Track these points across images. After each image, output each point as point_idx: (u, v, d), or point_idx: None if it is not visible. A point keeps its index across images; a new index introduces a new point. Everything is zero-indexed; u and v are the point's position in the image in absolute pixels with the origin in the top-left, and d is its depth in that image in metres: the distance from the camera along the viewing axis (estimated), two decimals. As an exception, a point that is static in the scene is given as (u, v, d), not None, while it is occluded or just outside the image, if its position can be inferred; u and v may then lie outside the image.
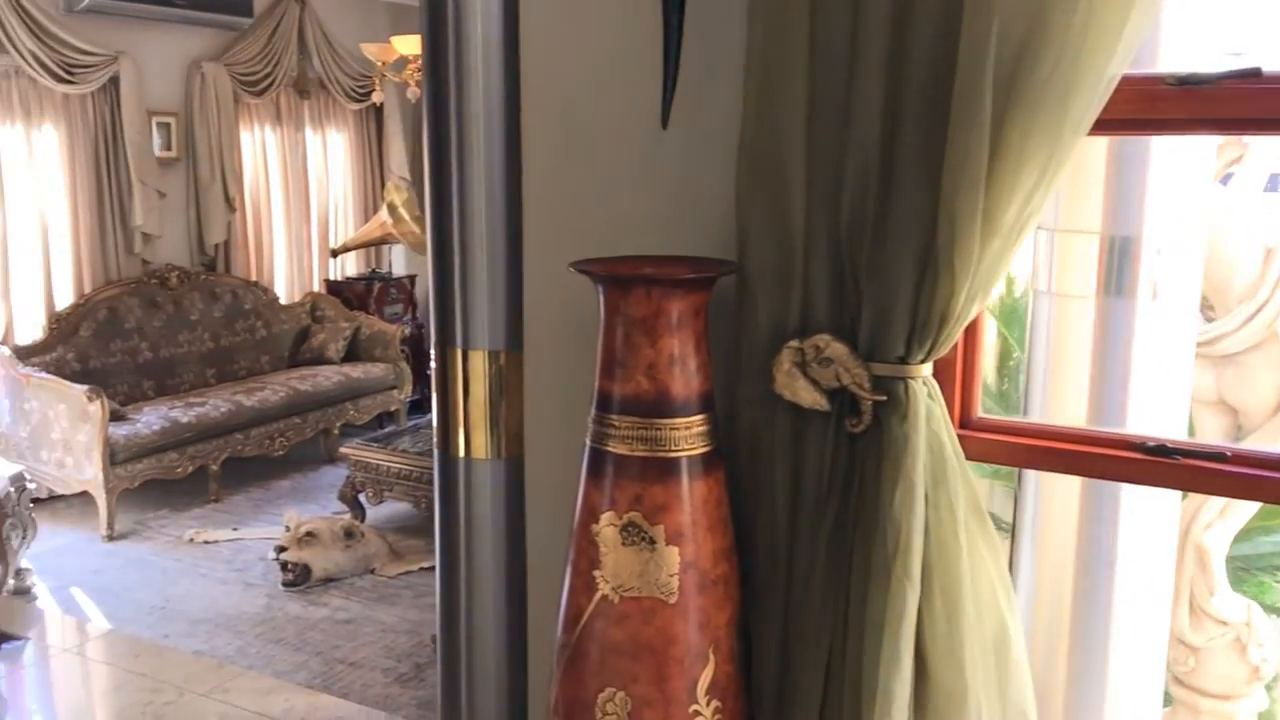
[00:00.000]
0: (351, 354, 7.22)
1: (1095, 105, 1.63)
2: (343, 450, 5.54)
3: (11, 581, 4.53)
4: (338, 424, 6.77)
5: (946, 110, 1.67)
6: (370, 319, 7.38)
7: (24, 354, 5.69)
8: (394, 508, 5.58)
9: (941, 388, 1.87)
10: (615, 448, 1.83)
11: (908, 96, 1.70)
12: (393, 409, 7.26)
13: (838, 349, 1.83)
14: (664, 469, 1.81)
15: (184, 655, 3.90)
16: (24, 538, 4.66)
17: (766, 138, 1.81)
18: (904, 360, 1.81)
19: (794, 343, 1.86)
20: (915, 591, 1.79)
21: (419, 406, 7.72)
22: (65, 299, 6.04)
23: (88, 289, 6.12)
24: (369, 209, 7.99)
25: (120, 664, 3.70)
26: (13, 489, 4.53)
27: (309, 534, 4.84)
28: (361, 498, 5.55)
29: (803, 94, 1.77)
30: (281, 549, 4.78)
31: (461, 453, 2.52)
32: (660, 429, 1.80)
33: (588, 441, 1.90)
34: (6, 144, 5.68)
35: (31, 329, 5.91)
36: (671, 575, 1.81)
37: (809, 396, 1.85)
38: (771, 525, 1.92)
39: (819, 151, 1.79)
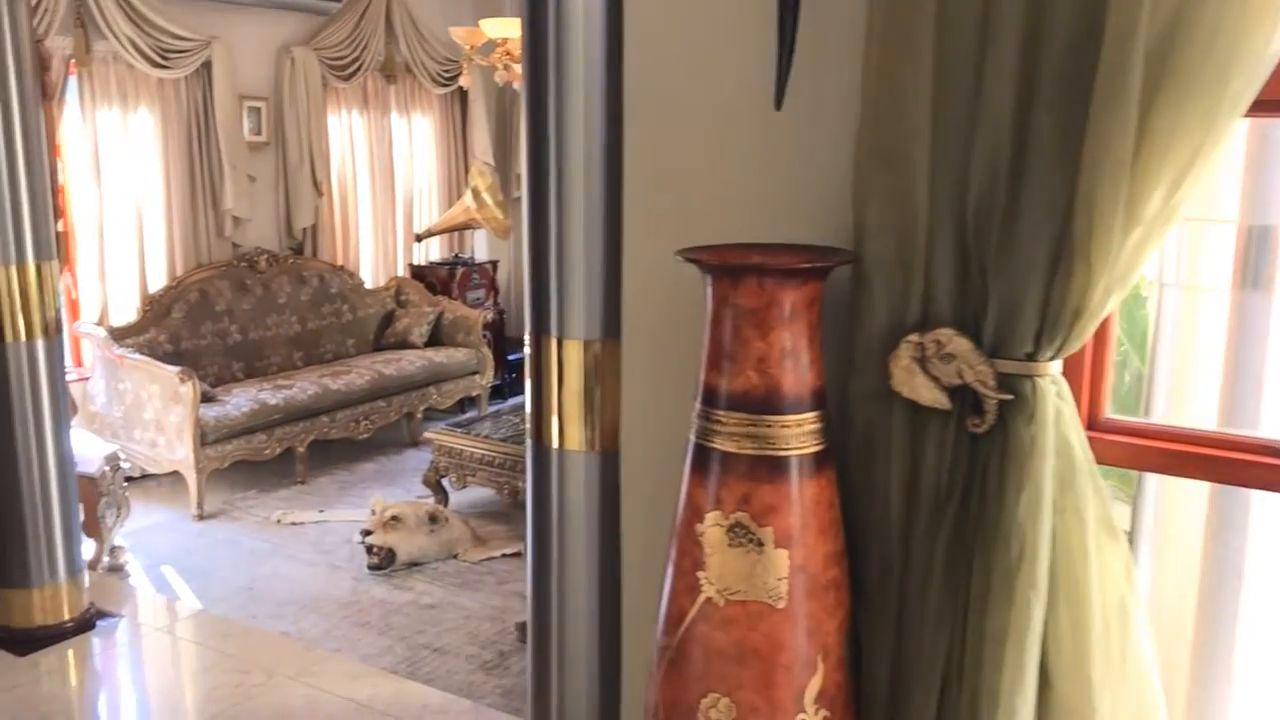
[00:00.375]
0: (434, 339, 7.25)
1: (1255, 84, 1.50)
2: (426, 435, 5.55)
3: (106, 559, 4.62)
4: (421, 408, 6.80)
5: (1087, 90, 1.55)
6: (453, 304, 7.40)
7: (119, 335, 5.80)
8: (477, 493, 5.58)
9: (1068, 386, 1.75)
10: (722, 445, 1.76)
11: (1045, 74, 1.59)
12: (474, 394, 7.28)
13: (961, 344, 1.73)
14: (773, 468, 1.73)
15: (272, 637, 3.93)
16: (118, 516, 4.75)
17: (888, 119, 1.71)
18: (1032, 357, 1.70)
19: (913, 337, 1.76)
20: (1041, 603, 1.68)
21: (499, 392, 7.73)
22: (158, 281, 6.15)
23: (180, 272, 6.22)
24: (453, 194, 8.00)
25: (210, 644, 3.74)
26: (108, 468, 4.61)
27: (394, 518, 4.86)
28: (445, 483, 5.56)
29: (928, 72, 1.67)
30: (367, 533, 4.80)
31: (555, 444, 2.47)
32: (770, 426, 1.72)
33: (692, 437, 1.83)
34: (104, 128, 5.78)
35: (126, 311, 6.02)
36: (780, 579, 1.73)
37: (928, 394, 1.75)
38: (885, 529, 1.83)
39: (945, 134, 1.68)
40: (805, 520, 1.74)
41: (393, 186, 7.57)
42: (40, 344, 3.61)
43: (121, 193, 5.91)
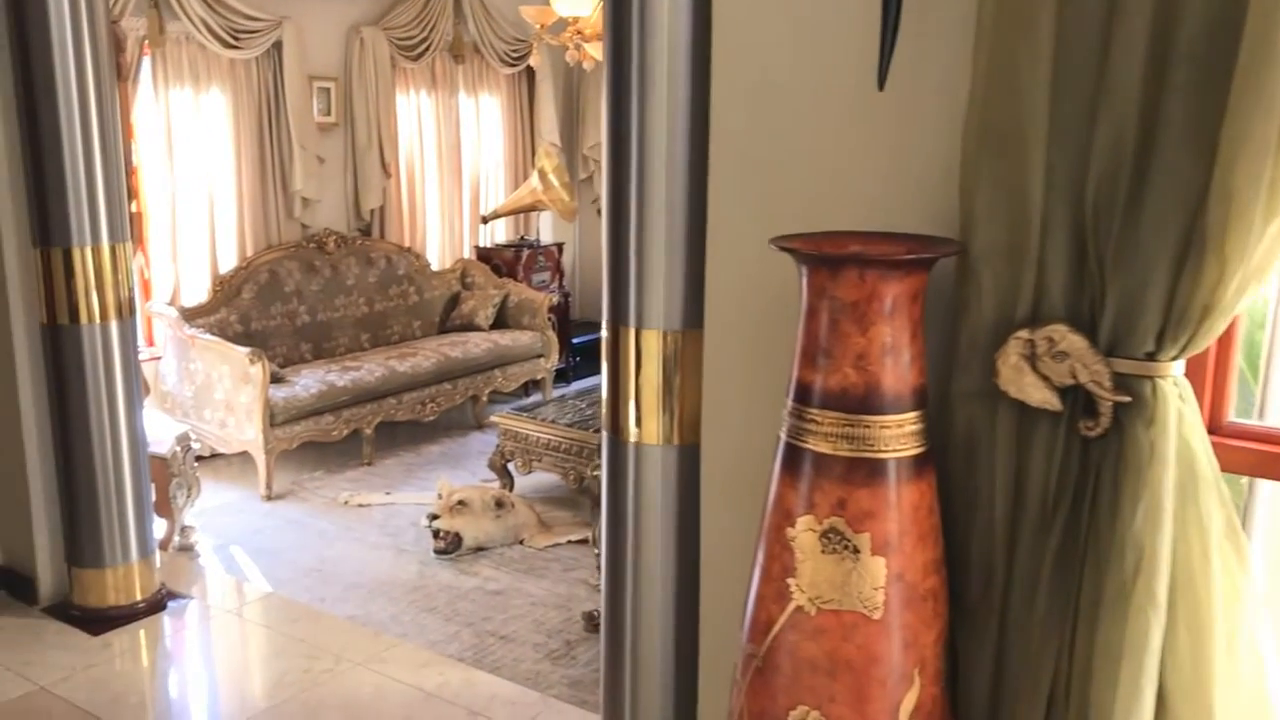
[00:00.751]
0: (500, 321, 7.22)
1: None
2: (492, 419, 5.51)
3: (177, 538, 4.65)
4: (486, 391, 6.78)
5: (1225, 70, 1.42)
6: (519, 286, 7.36)
7: (190, 315, 5.84)
8: (542, 478, 5.54)
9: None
10: (815, 445, 1.66)
11: (1178, 47, 1.46)
12: (539, 377, 7.24)
13: (1075, 342, 1.61)
14: (871, 471, 1.63)
15: (340, 622, 3.92)
16: (189, 496, 4.78)
17: (1002, 98, 1.60)
18: (1153, 356, 1.58)
19: (1023, 333, 1.64)
20: (1160, 620, 1.57)
21: (564, 375, 7.70)
22: (229, 262, 6.18)
23: (250, 252, 6.24)
24: (519, 175, 7.96)
25: (279, 628, 3.74)
26: (179, 448, 4.64)
27: (460, 502, 4.83)
28: (510, 467, 5.52)
29: (1048, 47, 1.55)
30: (434, 516, 4.77)
31: (632, 437, 2.39)
32: (868, 426, 1.62)
33: (782, 436, 1.73)
34: (177, 109, 5.81)
35: (197, 291, 6.06)
36: (876, 588, 1.63)
37: (1038, 394, 1.64)
38: (988, 536, 1.72)
39: (1065, 114, 1.56)
40: (904, 527, 1.64)
41: (459, 168, 7.54)
42: (114, 325, 3.62)
43: (193, 173, 5.94)
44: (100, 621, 3.71)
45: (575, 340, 7.92)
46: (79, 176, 3.47)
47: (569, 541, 4.98)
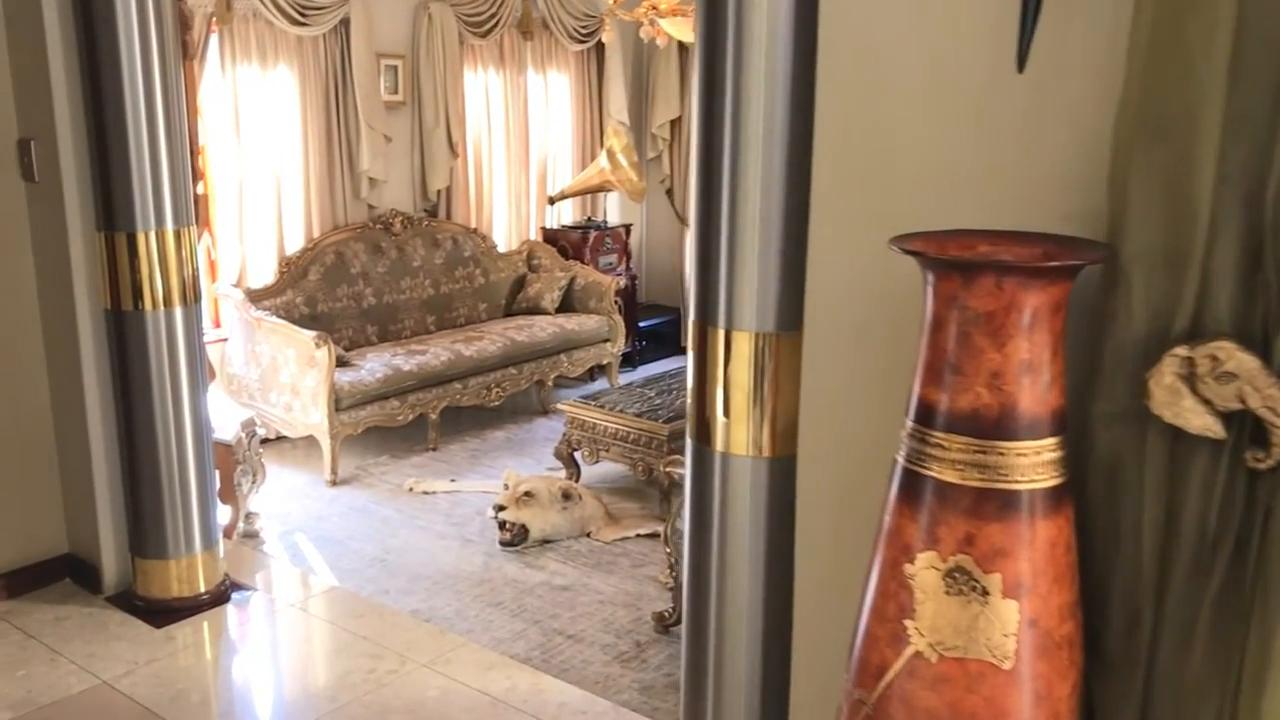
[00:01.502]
0: (566, 304, 7.08)
1: None
2: (559, 406, 5.38)
3: (241, 525, 4.58)
4: (552, 376, 6.65)
5: None
6: (585, 269, 7.20)
7: (256, 297, 5.78)
8: (609, 468, 5.39)
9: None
10: (940, 473, 1.47)
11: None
12: (605, 362, 7.09)
13: (1245, 361, 1.40)
14: (1004, 504, 1.44)
15: (406, 618, 3.81)
16: (254, 483, 4.71)
17: (1166, 79, 1.39)
18: (1340, 379, 1.36)
19: (1181, 349, 1.44)
20: (1343, 687, 1.36)
21: (629, 360, 7.54)
22: (295, 243, 6.11)
23: (316, 233, 6.16)
24: (587, 154, 7.79)
25: (343, 624, 3.64)
26: (244, 434, 4.57)
27: (527, 494, 4.70)
28: (577, 456, 5.39)
29: (1227, 18, 1.33)
30: (500, 508, 4.65)
31: (719, 446, 2.21)
32: (1002, 454, 1.43)
33: (899, 460, 1.55)
34: (244, 88, 5.73)
35: (264, 272, 5.99)
36: (1007, 635, 1.45)
37: (1198, 420, 1.43)
38: (1133, 578, 1.53)
39: (1245, 97, 1.35)
40: (1039, 566, 1.45)
41: (527, 147, 7.39)
42: (178, 311, 3.53)
43: (260, 153, 5.86)
44: (163, 613, 3.64)
45: (642, 324, 7.76)
46: (143, 160, 3.37)
47: (637, 535, 4.83)
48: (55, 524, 3.88)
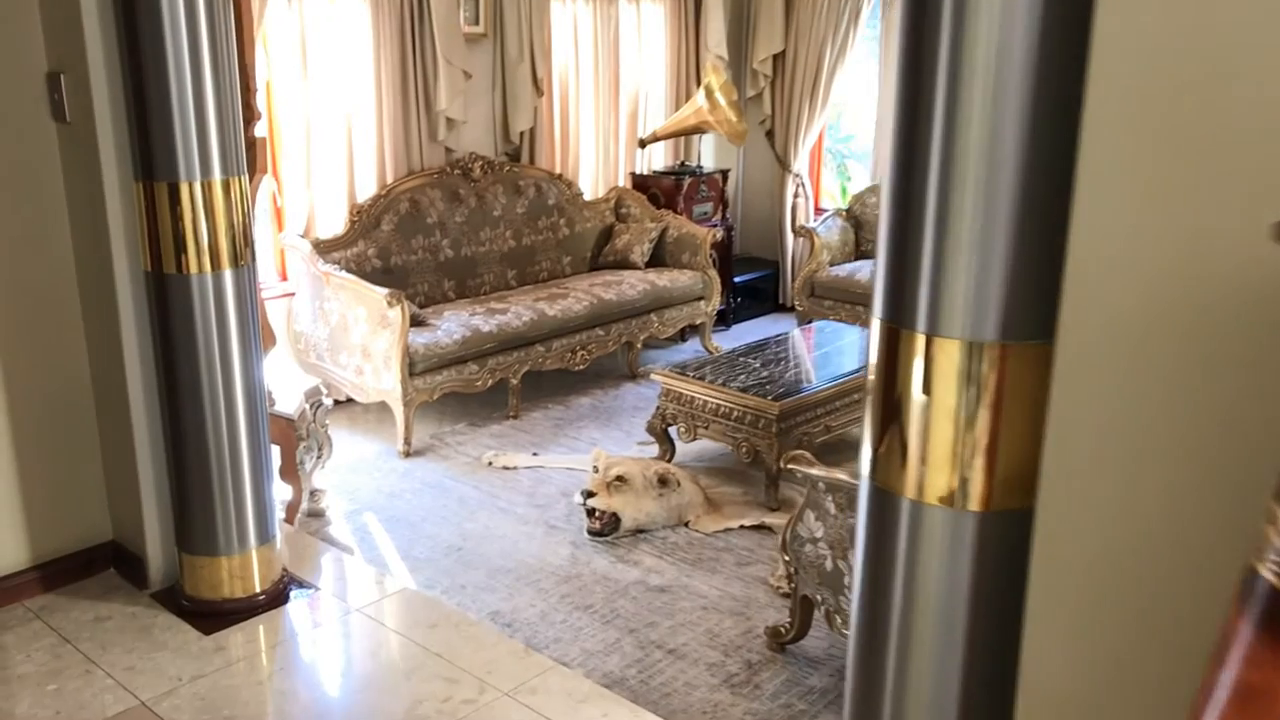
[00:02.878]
0: (656, 258, 6.52)
1: None
2: (654, 376, 4.84)
3: (305, 505, 4.15)
4: (641, 337, 6.11)
5: None
6: (678, 219, 6.61)
7: (325, 248, 5.32)
8: (706, 444, 4.86)
9: None
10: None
11: None
12: (698, 322, 6.52)
13: None
14: None
15: (486, 631, 3.33)
16: (319, 458, 4.27)
17: None
18: None
19: None
20: None
21: (723, 318, 6.96)
22: (367, 189, 5.62)
23: (390, 179, 5.67)
24: (681, 93, 7.16)
25: (416, 637, 3.18)
26: (308, 406, 4.11)
27: (619, 479, 4.19)
28: (672, 432, 4.86)
29: None
30: (589, 494, 4.15)
31: (908, 491, 1.64)
32: None
33: (1267, 574, 0.97)
34: (311, 20, 5.21)
35: (333, 221, 5.52)
36: None
37: None
38: None
39: None
40: None
41: (617, 84, 6.79)
42: (227, 275, 3.05)
43: (329, 91, 5.36)
44: (213, 616, 3.22)
45: (737, 279, 7.17)
46: (185, 99, 2.88)
47: (741, 527, 4.31)
48: (98, 509, 3.47)
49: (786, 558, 3.39)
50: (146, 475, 3.30)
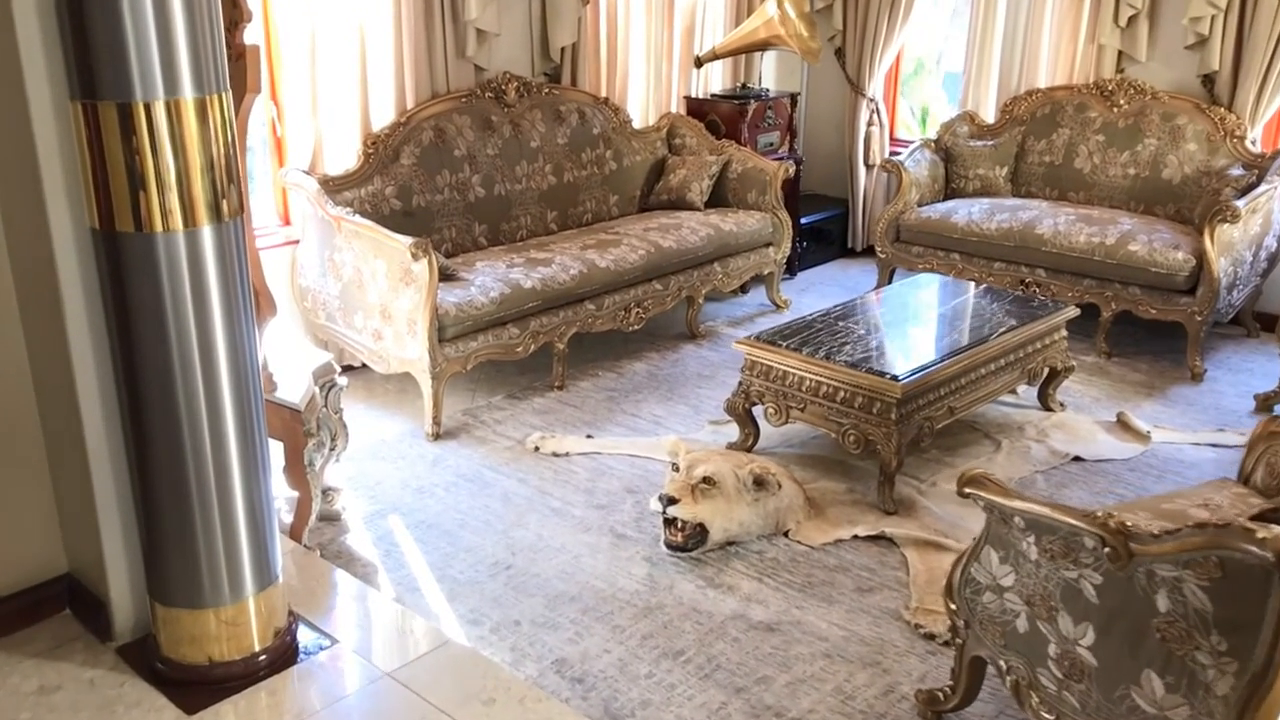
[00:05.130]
0: (715, 197, 5.62)
1: None
2: (737, 346, 3.99)
3: (315, 512, 3.32)
4: (704, 291, 5.24)
5: None
6: (741, 151, 5.69)
7: (335, 187, 4.44)
8: (795, 427, 4.02)
9: None
10: None
11: None
12: (765, 271, 5.64)
13: None
14: None
15: (551, 708, 2.51)
16: (333, 450, 3.45)
17: None
18: None
19: None
20: None
21: (788, 266, 6.05)
22: (384, 116, 4.71)
23: (410, 104, 4.76)
24: (741, 4, 6.19)
25: (460, 714, 2.38)
26: (318, 389, 3.27)
27: (707, 481, 3.36)
28: (757, 414, 4.03)
29: None
30: (670, 499, 3.32)
31: None
32: None
33: None
34: (315, -95, 4.28)
35: (344, 154, 4.62)
36: None
37: None
38: None
39: None
40: None
41: (671, -8, 5.83)
42: (206, 233, 2.18)
43: (340, 2, 4.44)
44: (198, 685, 2.42)
45: (803, 221, 6.26)
46: (138, -22, 1.98)
47: (855, 537, 3.49)
48: (47, 536, 2.66)
49: (953, 605, 2.57)
50: (106, 498, 2.47)
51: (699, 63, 5.94)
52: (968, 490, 2.44)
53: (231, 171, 2.23)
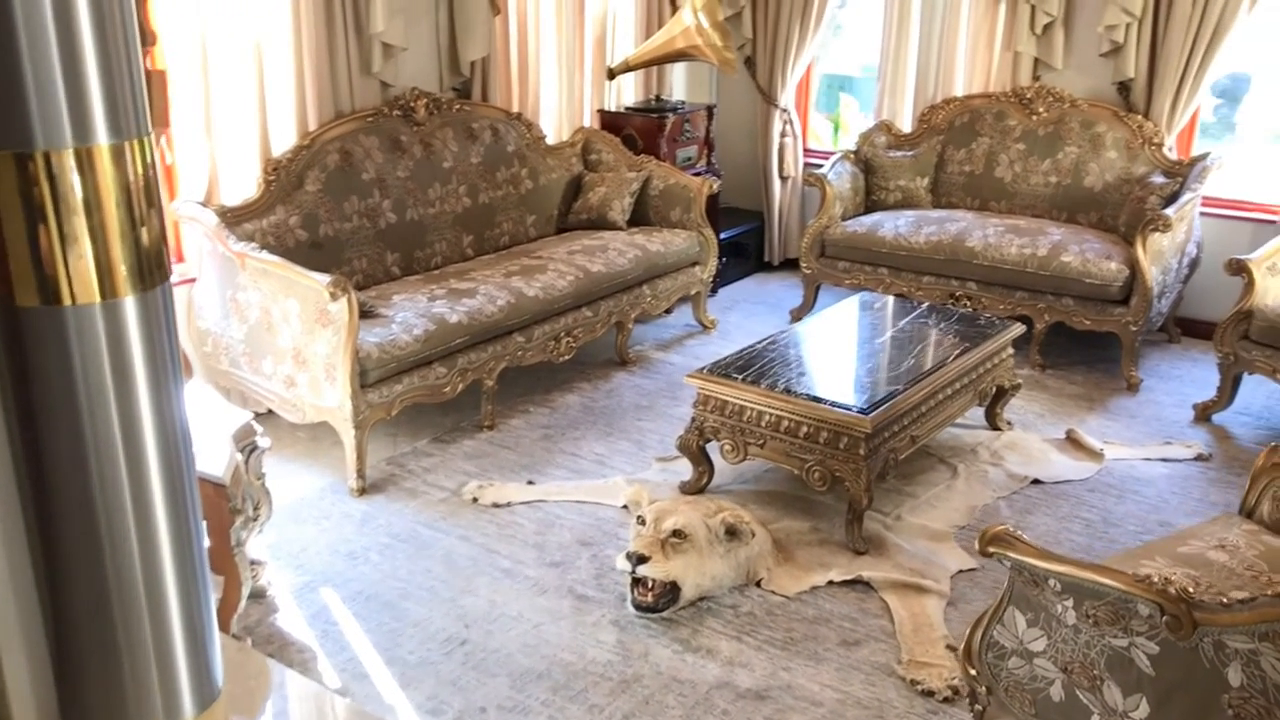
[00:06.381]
0: (637, 215, 5.38)
1: None
2: (690, 379, 3.74)
3: (244, 598, 2.94)
4: (633, 315, 4.99)
5: None
6: (662, 167, 5.46)
7: (234, 219, 4.03)
8: (749, 462, 3.79)
9: None
10: None
11: None
12: (693, 291, 5.42)
13: None
14: None
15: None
16: (257, 521, 3.08)
17: None
18: None
19: None
20: None
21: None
22: (285, 139, 4.31)
23: (313, 125, 4.37)
24: (653, 13, 5.96)
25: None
26: (240, 454, 2.90)
27: (678, 534, 3.11)
28: (712, 450, 3.79)
29: None
30: (641, 558, 3.05)
31: None
32: None
33: None
34: (201, -92, 3.87)
35: (243, 182, 4.21)
36: None
37: None
38: None
39: None
40: None
41: (581, 2, 5.55)
42: (129, 306, 1.81)
43: (232, 9, 4.02)
44: (131, 833, 2.04)
45: (721, 235, 6.06)
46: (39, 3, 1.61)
47: (829, 583, 3.29)
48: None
49: (973, 670, 2.38)
50: (6, 616, 2.07)
51: (612, 74, 5.69)
52: (992, 550, 2.25)
53: (158, 229, 1.86)
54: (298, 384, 3.84)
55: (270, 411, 4.11)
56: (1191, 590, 1.90)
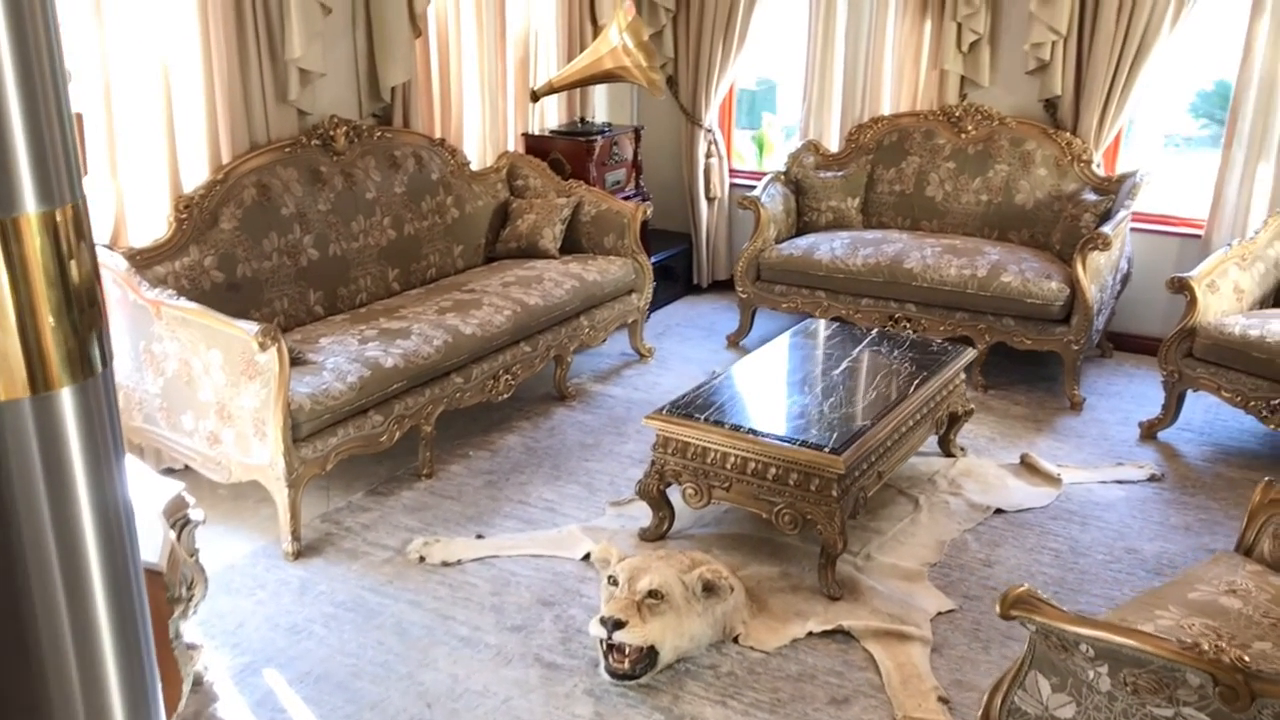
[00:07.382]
0: (569, 243, 5.18)
1: None
2: (648, 421, 3.56)
3: (189, 684, 2.65)
4: (572, 348, 4.78)
5: None
6: (593, 192, 5.27)
7: (145, 262, 3.70)
8: (709, 507, 3.63)
9: None
10: None
11: None
12: (630, 320, 5.24)
13: None
14: None
15: None
16: (193, 602, 2.78)
17: None
18: None
19: None
20: None
21: (641, 307, 5.68)
22: (197, 174, 3.99)
23: (226, 158, 4.06)
24: (575, 34, 5.77)
25: None
26: (173, 534, 2.61)
27: (654, 594, 2.92)
28: (673, 495, 3.62)
29: None
30: (617, 623, 2.85)
31: None
32: None
33: None
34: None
35: (152, 221, 3.88)
36: None
37: None
38: None
39: None
40: None
41: (503, 23, 5.33)
42: (66, 399, 1.55)
43: (135, 35, 3.70)
44: None
45: (652, 259, 5.90)
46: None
47: (809, 634, 3.14)
48: None
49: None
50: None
51: (535, 97, 5.48)
52: (1015, 615, 2.12)
53: (94, 309, 1.60)
54: (223, 441, 3.54)
55: (187, 467, 3.79)
56: (1248, 660, 1.79)
